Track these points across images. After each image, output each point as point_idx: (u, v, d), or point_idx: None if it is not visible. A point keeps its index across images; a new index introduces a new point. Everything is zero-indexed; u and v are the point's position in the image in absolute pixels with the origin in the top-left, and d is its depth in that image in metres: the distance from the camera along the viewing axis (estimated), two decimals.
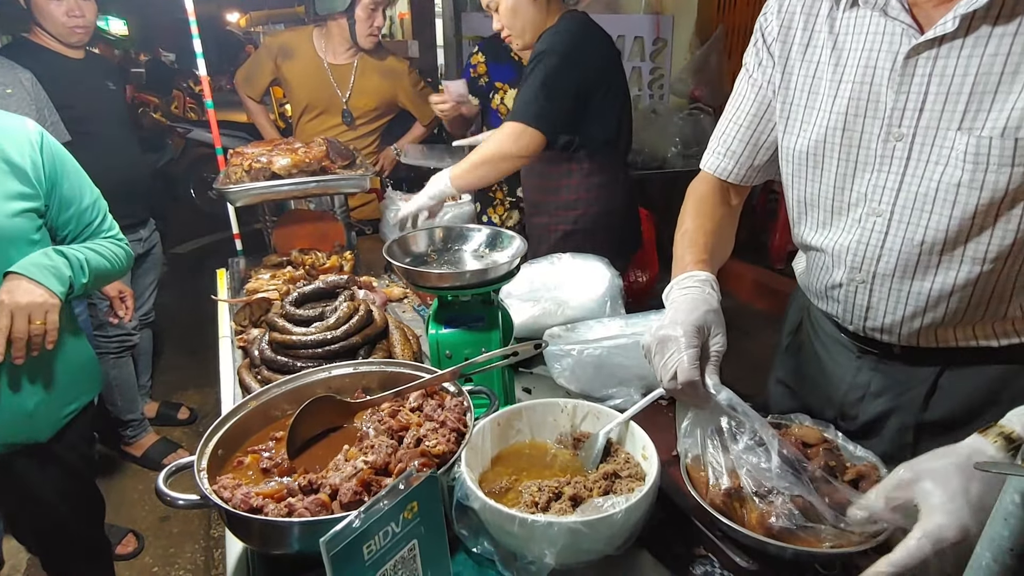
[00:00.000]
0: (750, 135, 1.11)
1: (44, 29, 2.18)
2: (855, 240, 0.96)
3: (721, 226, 1.14)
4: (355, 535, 0.53)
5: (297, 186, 1.78)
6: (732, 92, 1.13)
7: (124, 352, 2.61)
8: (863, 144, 0.91)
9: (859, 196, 0.94)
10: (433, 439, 0.91)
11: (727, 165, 1.14)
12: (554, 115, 1.70)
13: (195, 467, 0.87)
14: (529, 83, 1.70)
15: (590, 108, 1.80)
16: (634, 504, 0.76)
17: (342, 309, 1.29)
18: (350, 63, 2.52)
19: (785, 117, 1.02)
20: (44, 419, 1.43)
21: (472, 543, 0.83)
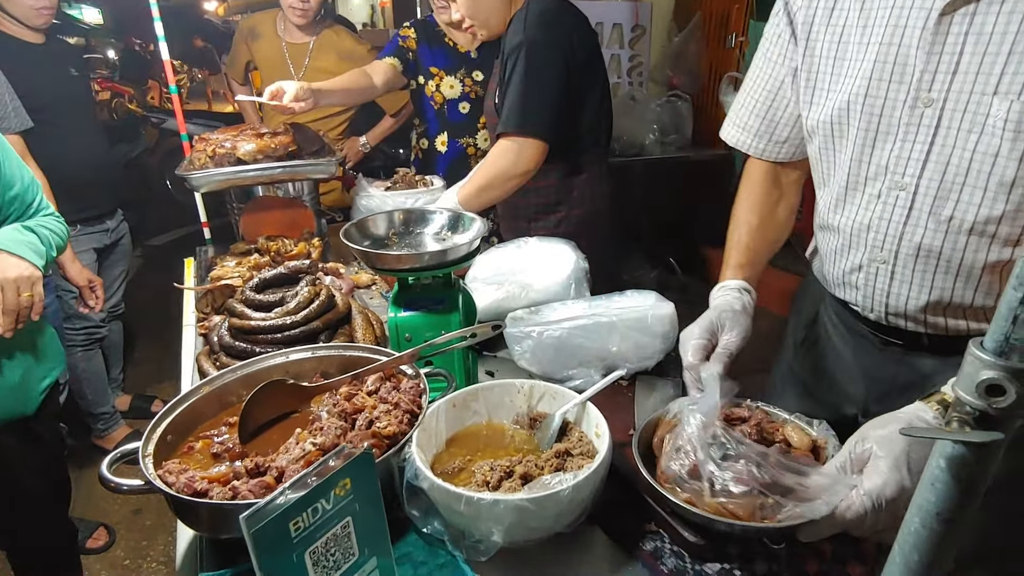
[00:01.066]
0: (765, 110, 1.07)
1: (6, 12, 2.11)
2: (876, 217, 0.90)
3: (770, 215, 1.12)
4: (279, 512, 0.52)
5: (262, 172, 1.75)
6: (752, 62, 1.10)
7: (92, 344, 2.57)
8: (885, 112, 0.85)
9: (879, 168, 0.88)
10: (385, 420, 0.90)
11: (745, 139, 1.12)
12: (549, 116, 1.59)
13: (140, 452, 0.86)
14: (513, 85, 1.58)
15: (573, 98, 1.68)
16: (581, 481, 0.76)
17: (302, 294, 1.27)
18: (306, 42, 2.49)
19: (811, 88, 0.96)
20: (29, 392, 1.46)
21: (422, 523, 0.82)
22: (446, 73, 2.30)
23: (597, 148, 1.85)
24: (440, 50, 2.28)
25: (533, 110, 1.57)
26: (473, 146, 2.34)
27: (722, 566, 0.78)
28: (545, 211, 1.84)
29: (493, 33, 1.76)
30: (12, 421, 1.43)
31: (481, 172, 1.64)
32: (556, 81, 1.60)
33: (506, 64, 1.62)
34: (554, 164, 1.71)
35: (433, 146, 2.35)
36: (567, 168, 1.79)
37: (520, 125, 1.58)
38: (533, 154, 1.60)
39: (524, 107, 1.57)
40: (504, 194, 1.67)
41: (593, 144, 1.83)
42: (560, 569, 0.80)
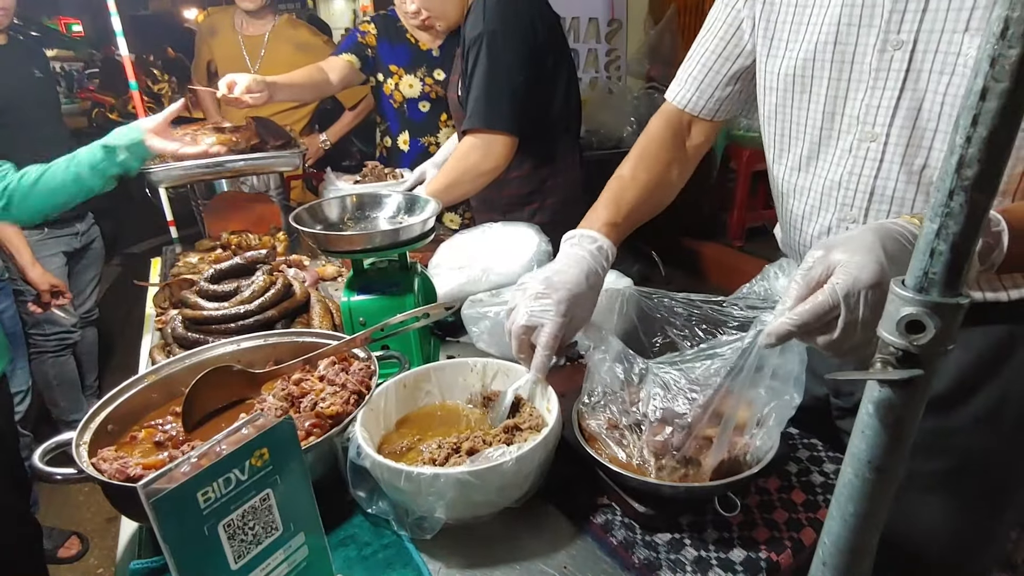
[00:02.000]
0: (714, 60, 1.02)
1: None
2: (846, 172, 0.85)
3: (661, 175, 1.05)
4: (184, 481, 0.49)
5: (223, 165, 1.72)
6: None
7: (64, 350, 2.52)
8: (856, 58, 0.81)
9: (851, 120, 0.83)
10: (329, 401, 0.87)
11: (687, 93, 1.06)
12: (515, 107, 1.54)
13: (74, 441, 0.83)
14: (477, 79, 1.54)
15: (539, 84, 1.64)
16: (526, 453, 0.74)
17: (258, 282, 1.25)
18: (261, 34, 2.47)
19: (769, 37, 0.91)
20: None
21: (367, 504, 0.80)
22: (405, 71, 2.25)
23: (568, 135, 1.82)
24: (402, 47, 2.24)
25: (499, 104, 1.54)
26: (435, 144, 2.31)
27: (672, 536, 0.76)
28: (519, 203, 1.81)
29: (451, 24, 1.73)
30: None
31: (449, 168, 1.61)
32: (520, 71, 1.56)
33: (468, 56, 1.59)
34: (525, 154, 1.68)
35: (396, 145, 2.33)
36: (538, 158, 1.75)
37: (487, 121, 1.54)
38: (502, 150, 1.57)
39: (489, 102, 1.54)
40: (474, 190, 1.65)
41: (564, 131, 1.80)
42: (508, 546, 0.78)
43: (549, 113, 1.71)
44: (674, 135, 1.09)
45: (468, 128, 1.58)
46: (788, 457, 0.90)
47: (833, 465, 0.89)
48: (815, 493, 0.83)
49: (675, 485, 0.73)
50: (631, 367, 0.82)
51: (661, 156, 1.07)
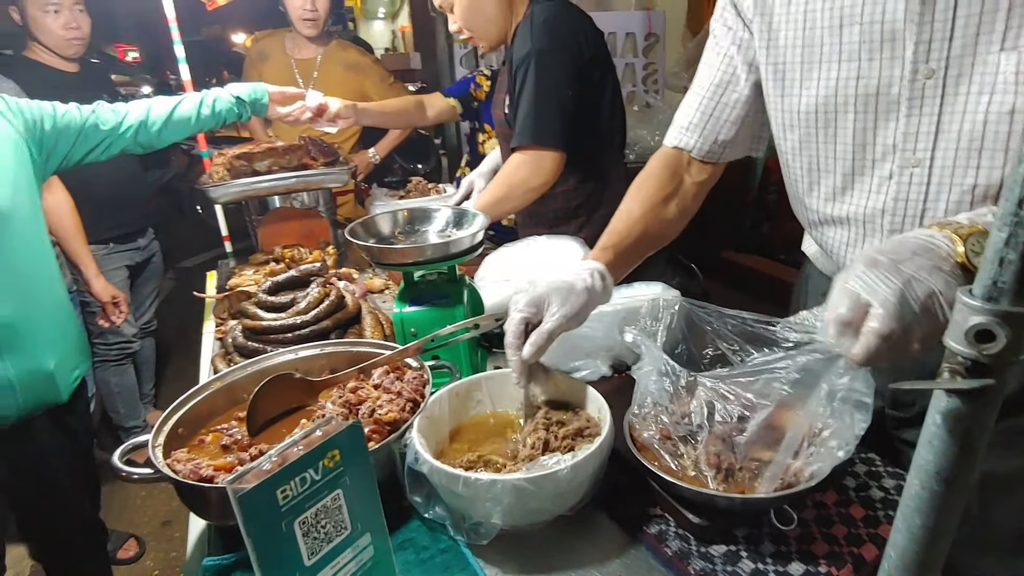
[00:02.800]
0: (712, 107, 1.05)
1: (41, 43, 2.23)
2: (890, 199, 0.85)
3: (656, 210, 1.08)
4: (266, 479, 0.53)
5: (277, 182, 1.79)
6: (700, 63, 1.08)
7: (124, 359, 2.64)
8: (882, 90, 0.81)
9: (886, 149, 0.84)
10: (386, 408, 0.90)
11: (688, 140, 1.08)
12: (564, 123, 1.56)
13: (150, 443, 0.88)
14: (525, 96, 1.56)
15: (585, 100, 1.66)
16: (580, 461, 0.75)
17: (313, 294, 1.30)
18: (314, 57, 2.55)
19: (780, 79, 0.93)
20: (61, 380, 1.50)
21: (425, 509, 0.82)
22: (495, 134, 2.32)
23: (612, 149, 1.84)
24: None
25: (547, 121, 1.56)
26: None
27: (728, 548, 0.76)
28: (565, 216, 1.81)
29: (492, 44, 1.77)
30: (46, 408, 1.48)
31: (498, 183, 1.63)
32: (567, 88, 1.58)
33: (515, 75, 1.62)
34: (571, 168, 1.68)
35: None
36: (584, 172, 1.76)
37: (536, 137, 1.56)
38: (551, 166, 1.58)
39: (537, 119, 1.56)
40: (522, 204, 1.66)
41: (608, 145, 1.81)
42: (562, 553, 0.79)
43: (595, 128, 1.72)
44: (672, 174, 1.11)
45: (517, 145, 1.60)
46: (845, 472, 0.88)
47: (893, 481, 0.87)
48: (875, 508, 0.81)
49: (731, 496, 0.73)
50: (677, 379, 0.83)
51: (656, 193, 1.09)
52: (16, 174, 1.37)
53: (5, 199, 1.32)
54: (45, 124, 1.46)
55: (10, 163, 1.36)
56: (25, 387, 1.40)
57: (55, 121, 1.48)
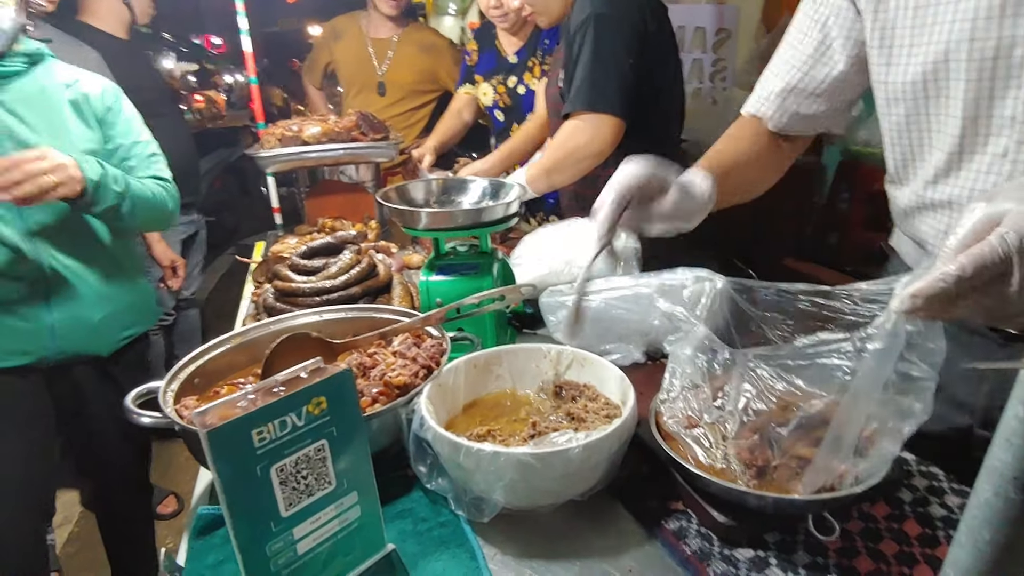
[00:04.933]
0: (798, 78, 0.96)
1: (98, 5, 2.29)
2: (1005, 179, 0.75)
3: (747, 151, 1.01)
4: (240, 416, 0.49)
5: (324, 153, 1.80)
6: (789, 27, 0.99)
7: (157, 331, 2.73)
8: (1002, 53, 0.71)
9: (1002, 122, 0.74)
10: (398, 372, 0.86)
11: (767, 109, 1.00)
12: (623, 89, 1.46)
13: (162, 387, 0.87)
14: (583, 62, 1.46)
15: (645, 75, 1.52)
16: (594, 441, 0.68)
17: (344, 259, 1.28)
18: (390, 37, 2.57)
19: (887, 46, 0.83)
20: (106, 335, 1.56)
21: (427, 479, 0.77)
22: (484, 79, 2.30)
23: (669, 134, 1.74)
24: (489, 54, 2.29)
25: (605, 85, 1.46)
26: None
27: (756, 553, 0.68)
28: None
29: (553, 18, 1.70)
30: (87, 357, 1.54)
31: (550, 152, 1.55)
32: (628, 55, 1.48)
33: (572, 43, 1.53)
34: (623, 149, 1.52)
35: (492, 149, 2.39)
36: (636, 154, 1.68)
37: (591, 102, 1.46)
38: (608, 132, 1.47)
39: (594, 83, 1.46)
40: (574, 176, 1.57)
41: (665, 128, 1.72)
42: (569, 541, 0.73)
43: (653, 109, 1.61)
44: (754, 132, 1.04)
45: (570, 111, 1.50)
46: (901, 483, 0.78)
47: (958, 499, 0.76)
48: (934, 527, 0.71)
49: (763, 495, 0.65)
50: (715, 355, 0.74)
51: (739, 144, 1.03)
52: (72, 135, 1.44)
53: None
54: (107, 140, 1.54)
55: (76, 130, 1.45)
56: (64, 334, 1.46)
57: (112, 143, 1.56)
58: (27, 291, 1.41)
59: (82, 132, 1.47)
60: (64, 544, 2.32)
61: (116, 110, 1.55)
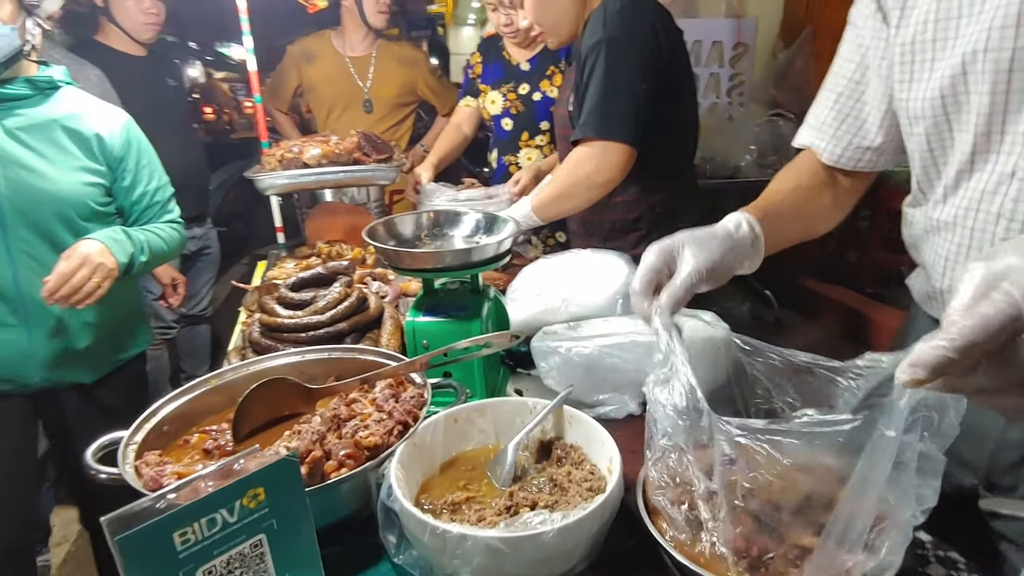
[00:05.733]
0: (851, 104, 0.91)
1: (118, 25, 2.31)
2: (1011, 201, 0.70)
3: (807, 190, 0.96)
4: (155, 520, 0.44)
5: (322, 175, 1.76)
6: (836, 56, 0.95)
7: (160, 345, 2.72)
8: (1017, 65, 0.67)
9: (1016, 138, 0.69)
10: (371, 429, 0.81)
11: (820, 141, 0.95)
12: (634, 117, 1.42)
13: (124, 440, 0.83)
14: (593, 86, 1.43)
15: (659, 100, 1.48)
16: (571, 524, 0.62)
17: (333, 293, 1.23)
18: (368, 53, 2.56)
19: (909, 62, 0.80)
20: (93, 362, 1.55)
21: (395, 552, 0.72)
22: (492, 88, 2.27)
23: (683, 160, 1.69)
24: (496, 64, 2.27)
25: (616, 112, 1.41)
26: (516, 164, 2.28)
27: None
28: (622, 229, 1.66)
29: (563, 39, 1.65)
30: (71, 384, 1.53)
31: (558, 179, 1.50)
32: (641, 80, 1.43)
33: (584, 66, 1.49)
34: (633, 176, 1.51)
35: (489, 163, 2.35)
36: (648, 181, 1.59)
37: (602, 129, 1.41)
38: (618, 160, 1.43)
39: (605, 110, 1.41)
40: (583, 204, 1.52)
41: (679, 154, 1.66)
42: None
43: (666, 133, 1.55)
44: (811, 170, 0.98)
45: (579, 137, 1.46)
46: (915, 573, 0.70)
47: None
48: None
49: None
50: (699, 418, 0.66)
51: (807, 177, 0.98)
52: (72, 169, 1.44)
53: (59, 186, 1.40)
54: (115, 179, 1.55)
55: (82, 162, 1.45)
56: (49, 362, 1.45)
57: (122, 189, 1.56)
58: (10, 319, 1.40)
59: (88, 165, 1.47)
60: (60, 564, 2.30)
61: (132, 153, 1.55)
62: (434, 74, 2.70)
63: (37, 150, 1.40)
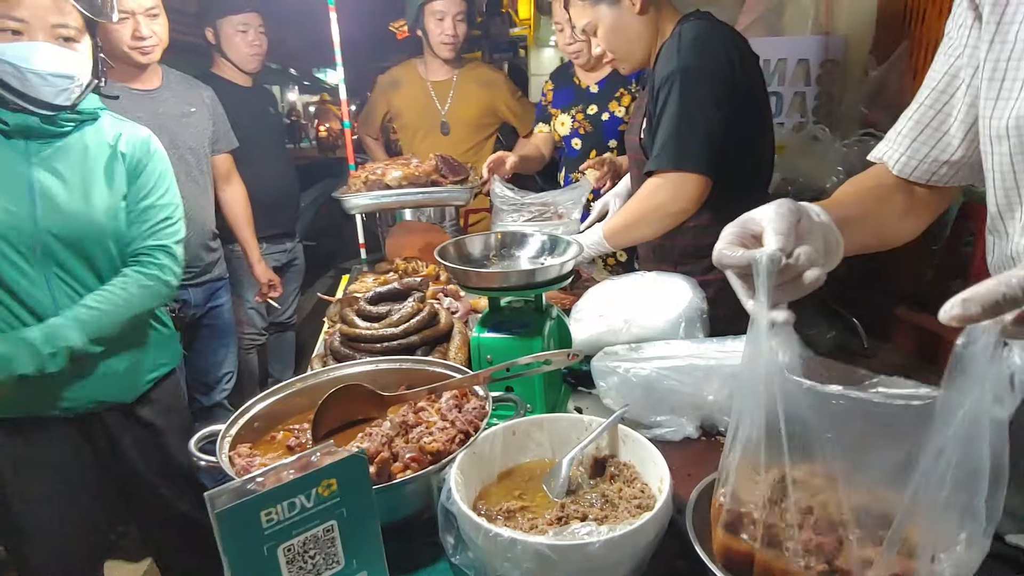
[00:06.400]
0: (932, 115, 0.89)
1: (227, 59, 2.60)
2: None
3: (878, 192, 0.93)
4: (249, 498, 0.51)
5: (401, 197, 1.88)
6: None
7: (251, 349, 2.94)
8: None
9: None
10: (435, 436, 0.87)
11: (894, 152, 0.93)
12: (710, 147, 1.42)
13: (221, 433, 0.93)
14: (667, 116, 1.44)
15: (734, 127, 1.48)
16: (617, 537, 0.65)
17: (406, 308, 1.32)
18: (449, 78, 2.68)
19: (999, 79, 0.77)
20: (131, 383, 1.55)
21: (453, 553, 0.76)
22: (561, 111, 2.33)
23: (757, 186, 1.66)
24: (567, 89, 2.34)
25: (691, 142, 1.42)
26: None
27: None
28: (694, 254, 1.64)
29: (635, 65, 1.67)
30: (113, 406, 1.54)
31: (631, 207, 1.51)
32: (717, 109, 1.44)
33: (657, 96, 1.50)
34: (707, 200, 1.49)
35: (558, 181, 2.44)
36: (722, 208, 1.53)
37: (677, 160, 1.42)
38: (693, 190, 1.42)
39: (680, 140, 1.42)
40: (656, 233, 1.52)
41: (752, 181, 1.64)
42: None
43: (740, 159, 1.54)
44: (879, 181, 0.96)
45: (654, 168, 1.47)
46: None
47: None
48: None
49: None
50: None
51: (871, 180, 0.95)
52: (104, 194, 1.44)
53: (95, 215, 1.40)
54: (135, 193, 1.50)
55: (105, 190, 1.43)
56: (89, 386, 1.46)
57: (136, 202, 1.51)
58: None
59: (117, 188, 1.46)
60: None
61: (142, 169, 1.51)
62: (515, 95, 2.78)
63: (71, 179, 1.38)
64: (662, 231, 1.51)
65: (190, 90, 2.24)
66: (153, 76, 2.12)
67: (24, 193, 1.33)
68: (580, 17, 1.59)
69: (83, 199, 1.39)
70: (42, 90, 1.28)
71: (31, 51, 1.25)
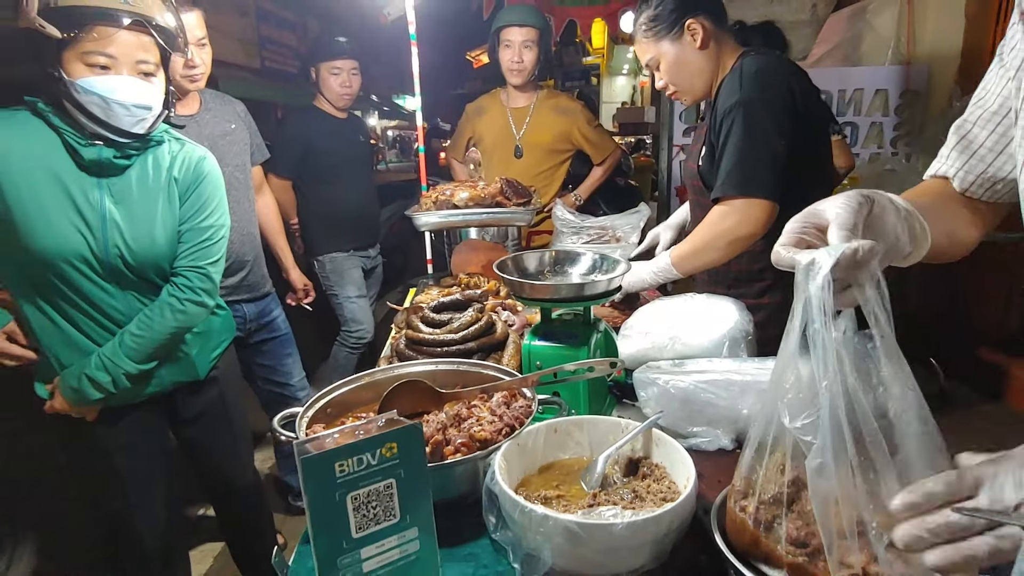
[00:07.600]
0: (987, 133, 0.89)
1: (324, 96, 2.95)
2: None
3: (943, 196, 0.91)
4: (327, 450, 0.62)
5: (468, 216, 2.02)
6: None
7: (357, 348, 3.17)
8: None
9: None
10: (483, 427, 0.97)
11: (949, 167, 0.93)
12: (775, 171, 1.47)
13: (300, 413, 1.07)
14: (732, 146, 1.50)
15: (793, 156, 1.53)
16: (639, 521, 0.72)
17: (466, 316, 1.44)
18: (527, 104, 2.82)
19: None
20: (200, 362, 1.72)
21: (493, 529, 0.85)
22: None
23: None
24: None
25: (756, 170, 1.47)
26: None
27: None
28: (748, 279, 1.70)
29: (696, 97, 1.73)
30: (186, 383, 1.72)
31: (699, 233, 1.56)
32: (780, 136, 1.49)
33: (720, 126, 1.57)
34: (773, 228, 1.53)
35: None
36: (775, 232, 1.63)
37: (742, 186, 1.47)
38: (760, 214, 1.46)
39: (745, 168, 1.48)
40: (724, 257, 1.56)
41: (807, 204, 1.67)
42: None
43: (797, 186, 1.53)
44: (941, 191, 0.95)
45: (720, 196, 1.52)
46: None
47: None
48: None
49: None
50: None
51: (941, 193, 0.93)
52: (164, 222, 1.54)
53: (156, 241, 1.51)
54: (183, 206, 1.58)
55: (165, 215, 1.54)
56: (166, 372, 1.63)
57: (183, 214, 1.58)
58: None
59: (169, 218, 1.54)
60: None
61: (191, 194, 1.58)
62: (591, 123, 2.88)
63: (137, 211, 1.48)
64: (730, 256, 1.54)
65: (226, 106, 2.32)
66: (193, 102, 2.18)
67: (99, 224, 1.44)
68: (644, 53, 1.68)
69: (147, 229, 1.49)
70: (123, 119, 1.40)
71: (117, 84, 1.37)
